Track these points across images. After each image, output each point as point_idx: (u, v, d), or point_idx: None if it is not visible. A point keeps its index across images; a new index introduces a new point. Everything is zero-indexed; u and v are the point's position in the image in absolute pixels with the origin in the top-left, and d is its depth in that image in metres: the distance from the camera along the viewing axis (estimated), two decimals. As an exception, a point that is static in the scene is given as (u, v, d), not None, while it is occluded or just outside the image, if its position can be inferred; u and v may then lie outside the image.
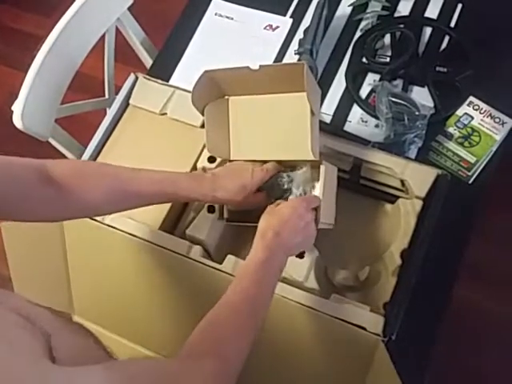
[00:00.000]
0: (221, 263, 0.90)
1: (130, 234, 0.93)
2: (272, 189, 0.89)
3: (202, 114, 0.91)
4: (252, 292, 0.71)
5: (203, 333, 0.66)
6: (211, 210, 0.94)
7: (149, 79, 1.08)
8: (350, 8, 1.26)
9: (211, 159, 0.98)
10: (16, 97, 1.11)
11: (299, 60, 1.18)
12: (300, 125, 0.86)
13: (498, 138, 1.06)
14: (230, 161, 0.94)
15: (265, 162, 0.90)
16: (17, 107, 1.10)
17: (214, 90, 0.91)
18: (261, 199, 0.89)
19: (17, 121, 1.09)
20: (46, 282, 1.09)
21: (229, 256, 0.90)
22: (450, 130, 1.07)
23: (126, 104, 1.08)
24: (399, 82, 1.15)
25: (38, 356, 0.47)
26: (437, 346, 0.94)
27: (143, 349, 1.04)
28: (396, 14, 1.24)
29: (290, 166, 0.90)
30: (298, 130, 0.86)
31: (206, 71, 0.86)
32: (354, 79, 1.17)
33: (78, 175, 0.77)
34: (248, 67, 0.83)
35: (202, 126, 1.02)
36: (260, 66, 0.83)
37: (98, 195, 0.77)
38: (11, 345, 0.46)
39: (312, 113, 0.83)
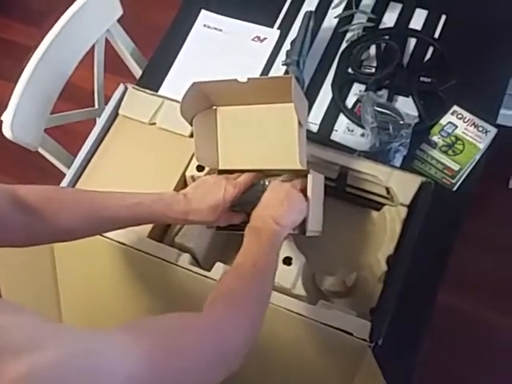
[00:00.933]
0: (209, 271, 0.91)
1: (119, 242, 0.94)
2: (250, 200, 0.88)
3: (191, 125, 0.92)
4: (260, 262, 0.74)
5: (227, 293, 0.69)
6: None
7: (138, 89, 1.09)
8: (336, 20, 1.28)
9: (200, 168, 0.99)
10: (5, 107, 1.11)
11: (286, 71, 1.20)
12: (288, 135, 0.87)
13: (482, 146, 1.08)
14: (219, 171, 0.95)
15: (253, 171, 0.92)
16: (6, 117, 1.10)
17: (203, 101, 0.92)
18: (236, 218, 0.90)
19: (6, 131, 1.10)
20: (34, 292, 1.09)
21: (217, 263, 0.91)
22: (434, 138, 1.10)
23: (115, 114, 1.09)
24: (384, 92, 1.18)
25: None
26: (422, 351, 0.96)
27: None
28: (381, 26, 1.27)
29: (275, 175, 0.91)
30: (286, 139, 0.88)
31: (194, 83, 0.87)
32: (340, 89, 1.19)
33: (52, 201, 0.76)
34: (236, 80, 0.85)
35: (191, 136, 1.03)
36: (248, 78, 0.84)
37: (73, 221, 0.77)
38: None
39: (299, 123, 0.85)
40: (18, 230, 0.73)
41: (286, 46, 1.25)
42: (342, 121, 1.17)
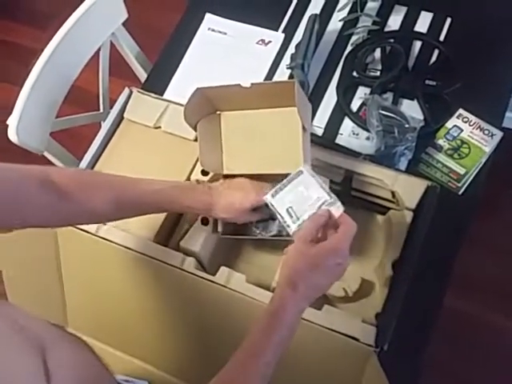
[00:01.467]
0: (214, 275, 0.91)
1: (124, 247, 0.94)
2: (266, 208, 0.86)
3: (195, 130, 0.92)
4: (262, 346, 0.69)
5: None
6: (205, 222, 0.95)
7: (143, 93, 1.10)
8: (341, 23, 1.28)
9: (204, 172, 0.99)
10: (10, 111, 1.12)
11: (291, 74, 1.20)
12: (292, 139, 0.87)
13: (488, 149, 1.08)
14: (225, 176, 0.95)
15: (257, 176, 0.91)
16: (12, 121, 1.11)
17: (207, 107, 0.92)
18: (254, 216, 0.90)
19: (12, 135, 1.10)
20: (40, 295, 1.09)
21: (222, 268, 0.91)
22: (440, 142, 1.09)
23: (120, 118, 1.09)
24: (389, 96, 1.17)
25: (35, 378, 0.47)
26: (428, 354, 0.95)
27: (138, 361, 1.05)
28: (386, 29, 1.26)
29: (276, 180, 0.90)
30: (290, 144, 0.87)
31: (197, 88, 0.87)
32: (345, 93, 1.19)
33: (85, 184, 0.78)
34: (239, 85, 0.85)
35: (196, 140, 1.03)
36: (251, 83, 0.84)
37: (100, 203, 0.78)
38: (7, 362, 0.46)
39: (303, 127, 0.84)
40: (47, 211, 0.74)
41: (291, 49, 1.25)
42: (347, 124, 1.16)
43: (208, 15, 1.34)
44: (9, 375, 0.45)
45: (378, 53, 1.23)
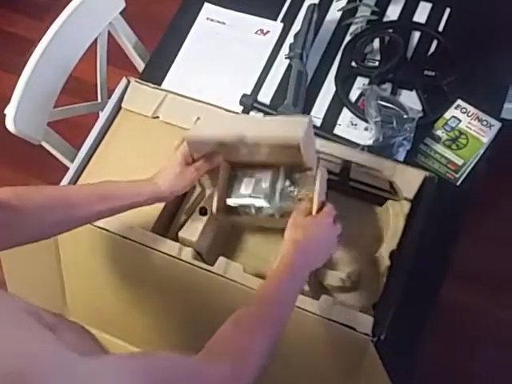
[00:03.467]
0: (212, 265, 0.91)
1: (122, 236, 0.94)
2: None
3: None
4: (275, 301, 0.74)
5: (225, 337, 0.67)
6: (203, 212, 0.95)
7: (141, 83, 1.09)
8: (340, 13, 1.28)
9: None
10: (8, 100, 1.11)
11: (289, 64, 1.20)
12: None
13: (486, 140, 1.08)
14: None
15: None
16: (9, 110, 1.10)
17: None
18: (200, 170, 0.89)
19: (9, 124, 1.10)
20: (40, 285, 1.09)
21: (220, 258, 0.91)
22: (438, 132, 1.09)
23: (118, 107, 1.09)
24: (388, 86, 1.17)
25: (57, 345, 0.47)
26: (425, 345, 0.96)
27: (138, 349, 1.05)
28: (385, 19, 1.26)
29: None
30: None
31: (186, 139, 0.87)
32: (344, 83, 1.19)
33: (22, 200, 0.76)
34: (241, 137, 0.82)
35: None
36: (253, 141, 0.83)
37: (45, 223, 0.78)
38: (31, 331, 0.47)
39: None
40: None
41: (290, 39, 1.25)
42: (346, 115, 1.16)
43: (206, 5, 1.34)
44: (27, 353, 0.45)
45: (376, 43, 1.22)
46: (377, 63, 1.20)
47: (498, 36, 1.21)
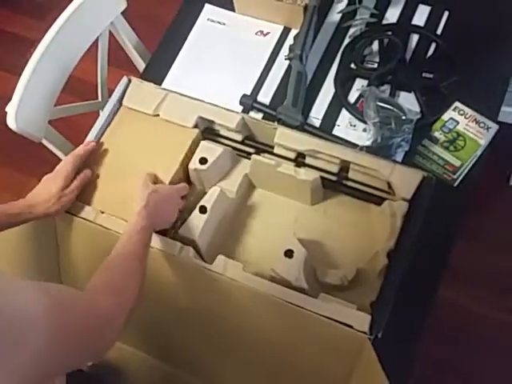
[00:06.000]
0: (211, 264, 0.91)
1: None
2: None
3: None
4: (135, 249, 0.84)
5: (103, 277, 0.79)
6: (203, 210, 0.96)
7: (142, 82, 1.10)
8: (340, 15, 1.29)
9: (202, 161, 1.00)
10: (8, 100, 1.12)
11: (289, 65, 1.21)
12: None
13: (483, 142, 1.09)
14: None
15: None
16: (11, 108, 1.11)
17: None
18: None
19: (10, 122, 1.11)
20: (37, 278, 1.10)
21: (219, 256, 0.92)
22: (436, 134, 1.10)
23: (118, 106, 1.09)
24: (387, 88, 1.18)
25: None
26: (421, 344, 0.96)
27: (131, 348, 1.06)
28: (384, 22, 1.27)
29: None
30: None
31: None
32: (343, 84, 1.20)
33: None
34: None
35: (195, 127, 1.04)
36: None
37: None
38: None
39: None
40: None
41: (290, 40, 1.26)
42: (345, 116, 1.17)
43: (207, 6, 1.35)
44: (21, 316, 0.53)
45: (375, 45, 1.23)
46: (376, 65, 1.21)
47: (496, 39, 1.22)
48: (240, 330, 0.96)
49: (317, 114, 1.18)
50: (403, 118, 1.08)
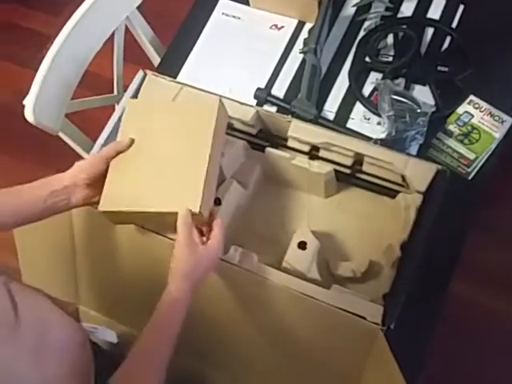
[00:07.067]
0: (225, 254, 0.92)
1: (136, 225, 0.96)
2: None
3: None
4: (158, 349, 0.79)
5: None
6: (217, 202, 0.97)
7: (157, 76, 1.11)
8: (354, 8, 1.29)
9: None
10: (25, 95, 1.13)
11: (303, 59, 1.21)
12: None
13: (498, 135, 1.09)
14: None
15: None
16: (28, 101, 1.12)
17: None
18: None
19: (28, 115, 1.12)
20: (54, 273, 1.11)
21: (233, 246, 0.92)
22: (451, 127, 1.10)
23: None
24: (401, 81, 1.18)
25: None
26: (436, 339, 0.97)
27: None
28: (399, 15, 1.27)
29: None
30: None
31: None
32: (357, 78, 1.20)
33: None
34: None
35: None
36: None
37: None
38: None
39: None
40: None
41: (304, 34, 1.26)
42: (359, 109, 1.17)
43: (222, 0, 1.35)
44: None
45: (390, 38, 1.23)
46: (390, 58, 1.21)
47: (510, 32, 1.21)
48: (254, 320, 0.96)
49: (331, 108, 1.18)
50: (418, 111, 1.08)
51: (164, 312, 0.80)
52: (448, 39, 1.22)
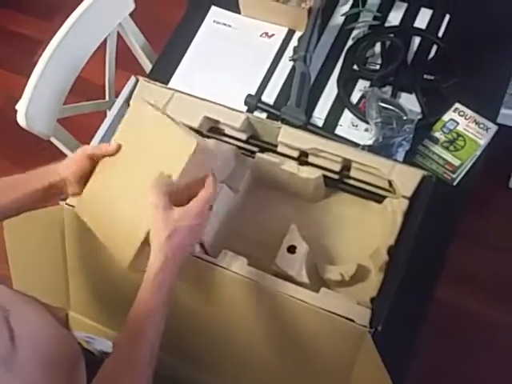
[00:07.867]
0: (216, 258, 0.93)
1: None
2: None
3: None
4: (146, 331, 0.78)
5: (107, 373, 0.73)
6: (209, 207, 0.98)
7: (149, 82, 1.12)
8: (343, 18, 1.31)
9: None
10: (16, 100, 1.14)
11: (293, 66, 1.23)
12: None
13: (482, 142, 1.11)
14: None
15: None
16: (21, 106, 1.14)
17: None
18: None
19: (21, 119, 1.13)
20: (45, 279, 1.11)
21: (224, 250, 0.93)
22: (436, 134, 1.12)
23: (126, 106, 1.12)
24: (388, 89, 1.20)
25: None
26: (420, 339, 0.98)
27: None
28: (386, 24, 1.29)
29: None
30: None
31: None
32: (346, 85, 1.22)
33: None
34: None
35: (200, 126, 1.06)
36: None
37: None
38: None
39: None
40: None
41: (294, 42, 1.28)
42: (347, 116, 1.19)
43: (213, 8, 1.37)
44: None
45: (378, 47, 1.25)
46: (378, 66, 1.23)
47: (496, 41, 1.24)
48: (242, 324, 0.97)
49: (320, 114, 1.20)
50: (404, 118, 1.10)
51: (143, 292, 0.78)
52: (434, 48, 1.25)
